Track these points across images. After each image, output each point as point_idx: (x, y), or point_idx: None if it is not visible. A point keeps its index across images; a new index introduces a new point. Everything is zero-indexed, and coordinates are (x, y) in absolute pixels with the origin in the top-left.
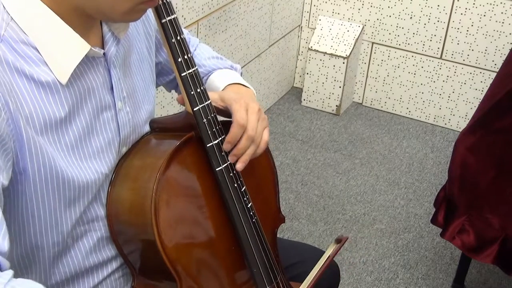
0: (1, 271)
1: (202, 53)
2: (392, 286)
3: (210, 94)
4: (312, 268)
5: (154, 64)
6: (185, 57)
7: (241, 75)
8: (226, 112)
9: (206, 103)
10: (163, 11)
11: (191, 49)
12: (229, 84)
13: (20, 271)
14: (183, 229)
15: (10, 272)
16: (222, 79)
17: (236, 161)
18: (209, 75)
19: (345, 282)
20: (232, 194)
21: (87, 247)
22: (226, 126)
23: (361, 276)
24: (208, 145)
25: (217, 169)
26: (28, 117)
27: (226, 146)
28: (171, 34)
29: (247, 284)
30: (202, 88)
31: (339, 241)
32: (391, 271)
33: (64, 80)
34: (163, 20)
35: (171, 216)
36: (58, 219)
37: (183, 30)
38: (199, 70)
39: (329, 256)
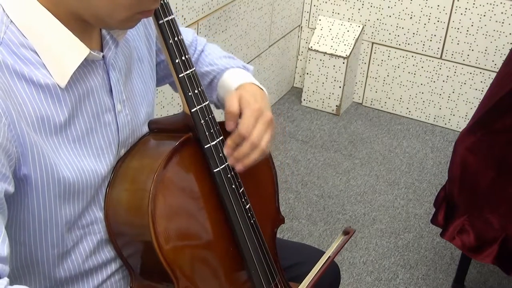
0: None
1: (213, 52)
2: (392, 286)
3: (229, 93)
4: (313, 268)
5: (155, 64)
6: (183, 58)
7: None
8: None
9: (204, 104)
10: (160, 12)
11: (199, 48)
12: (242, 84)
13: (21, 275)
14: (180, 230)
15: (4, 281)
16: (236, 78)
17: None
18: (222, 74)
19: (345, 282)
20: (230, 195)
21: (87, 250)
22: (224, 127)
23: (361, 276)
24: (206, 146)
25: (215, 170)
26: (28, 119)
27: (226, 151)
28: (168, 35)
29: (245, 285)
30: (200, 89)
31: (347, 233)
32: (391, 271)
33: (63, 84)
34: (161, 21)
35: (168, 217)
36: (59, 221)
37: (190, 29)
38: (211, 68)
39: (337, 247)
